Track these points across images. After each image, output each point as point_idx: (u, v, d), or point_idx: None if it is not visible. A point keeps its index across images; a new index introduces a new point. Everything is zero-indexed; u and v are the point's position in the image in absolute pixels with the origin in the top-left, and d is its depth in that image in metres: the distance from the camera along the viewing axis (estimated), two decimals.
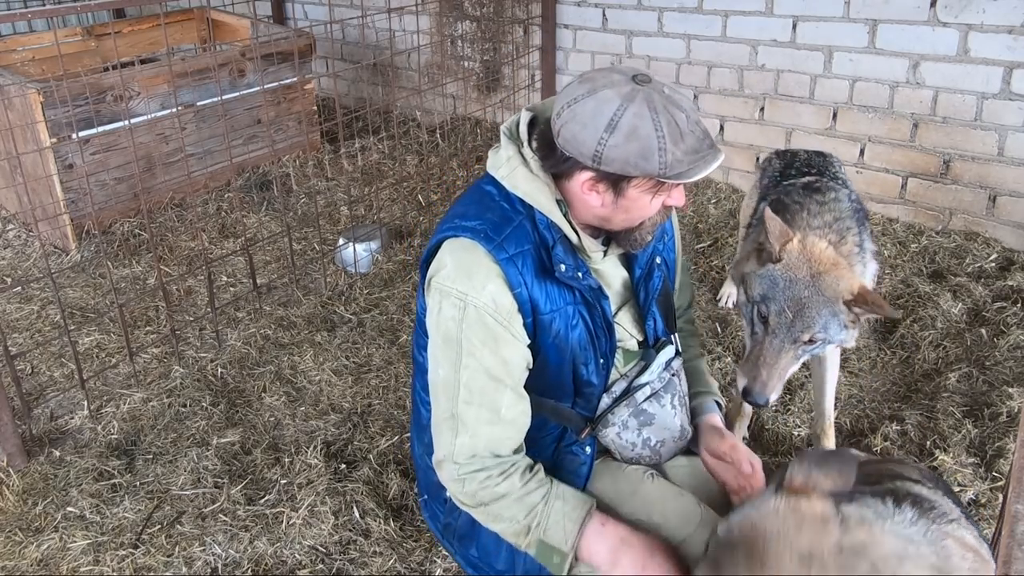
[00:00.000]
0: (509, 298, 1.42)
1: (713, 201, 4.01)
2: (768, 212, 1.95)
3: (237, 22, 4.82)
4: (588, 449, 1.59)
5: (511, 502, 1.43)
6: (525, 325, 1.45)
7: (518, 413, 1.47)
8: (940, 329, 2.87)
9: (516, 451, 1.48)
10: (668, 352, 1.64)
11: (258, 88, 4.23)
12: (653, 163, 1.30)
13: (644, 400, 1.59)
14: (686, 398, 1.68)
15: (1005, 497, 0.85)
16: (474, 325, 1.41)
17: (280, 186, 3.67)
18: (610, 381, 1.59)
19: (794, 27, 3.70)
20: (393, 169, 4.48)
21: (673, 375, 1.64)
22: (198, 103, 4.05)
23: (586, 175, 1.38)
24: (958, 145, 3.45)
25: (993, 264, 3.28)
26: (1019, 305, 2.95)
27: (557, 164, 1.41)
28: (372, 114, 4.88)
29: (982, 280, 3.17)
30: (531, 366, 1.49)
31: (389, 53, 4.79)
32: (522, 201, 1.46)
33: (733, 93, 3.99)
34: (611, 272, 1.59)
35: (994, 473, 2.21)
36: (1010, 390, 2.49)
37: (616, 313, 1.59)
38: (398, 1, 4.22)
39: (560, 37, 4.48)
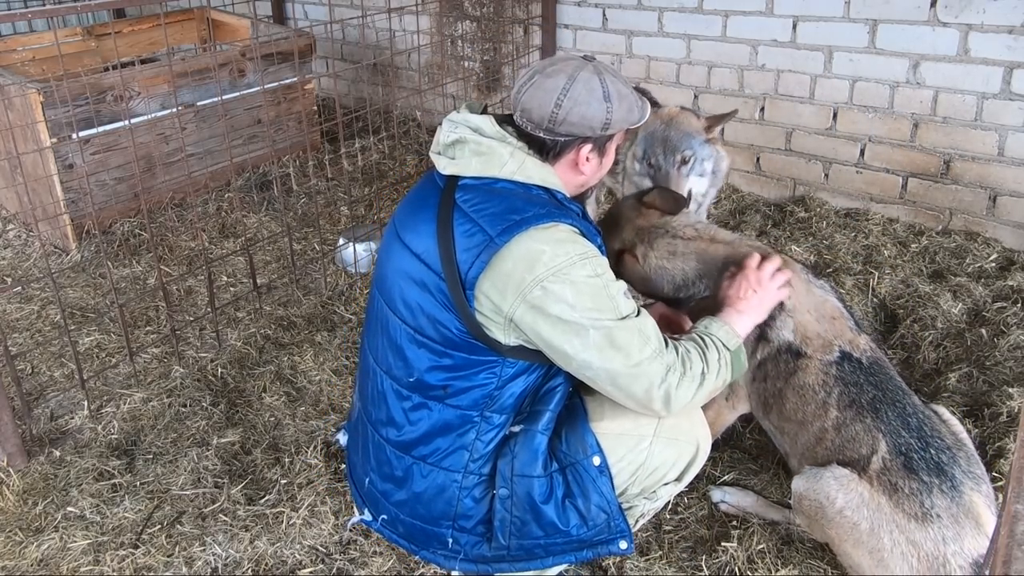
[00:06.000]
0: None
1: (713, 202, 3.99)
2: None
3: (237, 22, 4.82)
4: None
5: (711, 357, 1.68)
6: None
7: None
8: (940, 329, 2.87)
9: None
10: None
11: (258, 88, 4.23)
12: (636, 113, 1.69)
13: None
14: None
15: (1005, 497, 0.85)
16: (605, 266, 1.62)
17: (280, 186, 3.67)
18: None
19: (794, 27, 3.70)
20: (393, 169, 4.48)
21: None
22: (198, 103, 4.04)
23: (587, 147, 1.67)
24: (958, 145, 3.46)
25: (993, 264, 3.28)
26: (1019, 305, 2.95)
27: (559, 152, 1.67)
28: (372, 114, 4.87)
29: (982, 280, 3.17)
30: None
31: (389, 53, 4.79)
32: (537, 186, 1.65)
33: (733, 93, 3.98)
34: None
35: (994, 473, 2.20)
36: (1010, 390, 2.49)
37: None
38: (398, 1, 4.22)
39: (560, 37, 4.47)
